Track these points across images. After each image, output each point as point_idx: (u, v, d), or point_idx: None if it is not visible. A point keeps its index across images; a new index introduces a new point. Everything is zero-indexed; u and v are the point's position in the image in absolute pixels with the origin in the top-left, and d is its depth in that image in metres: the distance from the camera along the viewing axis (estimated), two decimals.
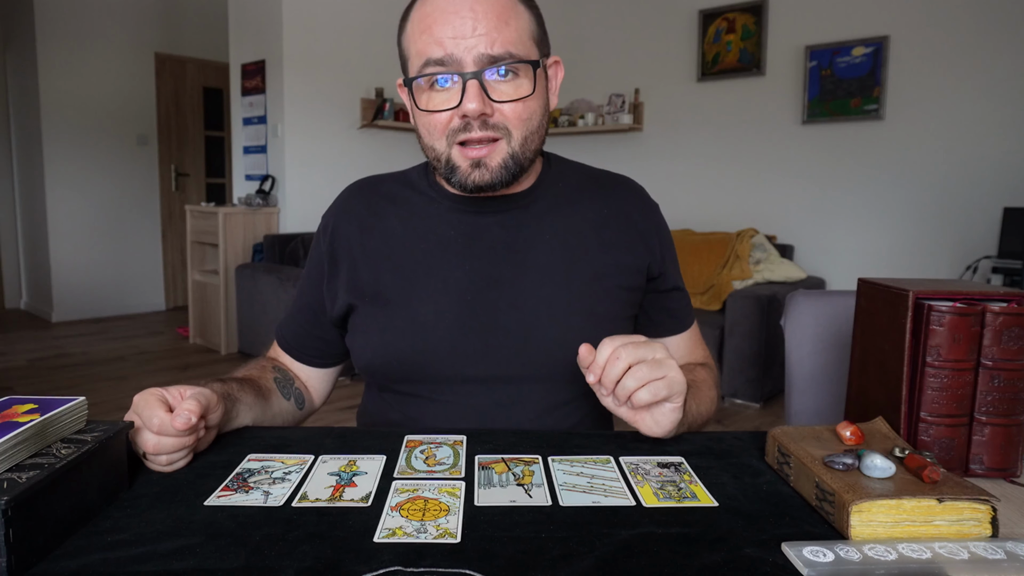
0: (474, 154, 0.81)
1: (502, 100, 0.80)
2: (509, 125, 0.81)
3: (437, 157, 0.84)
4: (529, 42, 0.82)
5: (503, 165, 0.82)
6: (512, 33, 0.79)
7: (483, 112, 0.79)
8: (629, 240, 0.93)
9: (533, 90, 0.81)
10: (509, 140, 0.82)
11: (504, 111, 0.80)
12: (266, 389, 0.91)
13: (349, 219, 0.95)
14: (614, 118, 4.76)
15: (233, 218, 4.32)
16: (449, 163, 0.83)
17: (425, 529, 0.56)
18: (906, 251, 3.74)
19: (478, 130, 0.80)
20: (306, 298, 0.99)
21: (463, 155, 0.82)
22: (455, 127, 0.81)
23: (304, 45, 4.38)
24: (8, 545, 0.49)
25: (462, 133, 0.80)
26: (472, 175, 0.82)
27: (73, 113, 5.30)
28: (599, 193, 0.96)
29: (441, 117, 0.81)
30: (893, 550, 0.52)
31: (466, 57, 0.78)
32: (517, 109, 0.81)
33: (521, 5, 0.82)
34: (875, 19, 3.72)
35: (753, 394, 3.44)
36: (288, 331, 1.01)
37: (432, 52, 0.79)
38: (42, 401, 0.61)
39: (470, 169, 0.82)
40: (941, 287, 0.71)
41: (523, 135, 0.82)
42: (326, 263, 0.95)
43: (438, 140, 0.83)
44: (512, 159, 0.82)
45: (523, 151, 0.83)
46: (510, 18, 0.79)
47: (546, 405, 0.89)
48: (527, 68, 0.81)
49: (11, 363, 4.14)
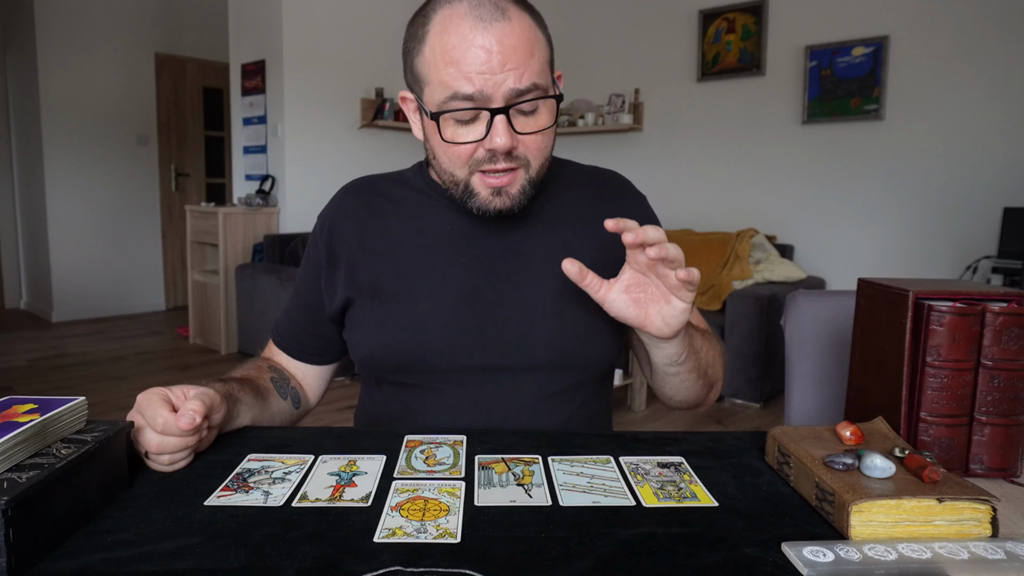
0: (495, 182, 0.83)
1: (525, 132, 0.81)
2: (530, 156, 0.83)
3: (455, 182, 0.86)
4: (548, 70, 0.83)
5: (522, 191, 0.85)
6: (536, 65, 0.80)
7: (510, 147, 0.80)
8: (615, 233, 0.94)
9: (553, 122, 0.84)
10: (528, 169, 0.84)
11: (527, 143, 0.82)
12: (263, 389, 0.92)
13: (347, 218, 0.96)
14: (614, 118, 4.76)
15: (233, 218, 4.32)
16: (468, 188, 0.85)
17: (425, 529, 0.56)
18: (906, 251, 3.74)
19: (503, 162, 0.82)
20: (303, 296, 0.99)
21: (484, 182, 0.83)
22: (479, 158, 0.82)
23: (304, 45, 4.38)
24: (8, 545, 0.49)
25: (486, 164, 0.82)
26: (493, 202, 0.84)
27: (73, 113, 5.30)
28: (589, 189, 0.98)
29: (465, 149, 0.82)
30: (893, 550, 0.52)
31: (495, 93, 0.78)
32: (537, 140, 0.83)
33: (539, 32, 0.83)
34: (875, 19, 3.72)
35: (753, 394, 3.44)
36: (285, 329, 1.02)
37: (460, 87, 0.78)
38: (42, 401, 0.61)
39: (491, 197, 0.84)
40: (941, 287, 0.71)
41: (540, 163, 0.85)
42: (324, 260, 0.96)
43: (459, 169, 0.84)
44: (530, 184, 0.85)
45: (538, 176, 0.86)
46: (534, 49, 0.80)
47: (543, 395, 0.90)
48: (548, 102, 0.83)
49: (11, 363, 4.14)
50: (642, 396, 3.36)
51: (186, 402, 0.68)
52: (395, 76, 4.78)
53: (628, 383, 3.33)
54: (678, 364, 0.85)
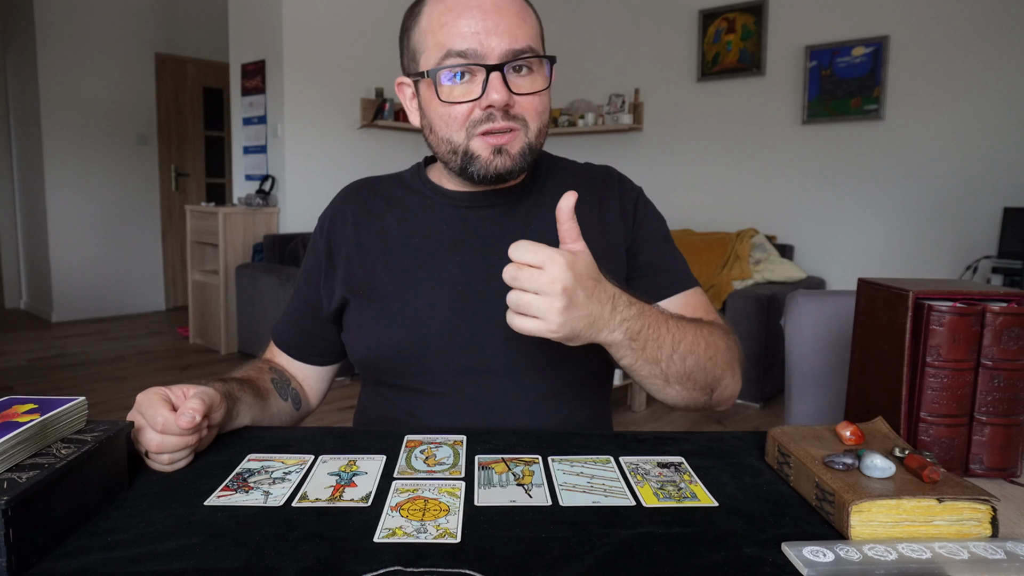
0: (495, 141, 0.83)
1: (520, 92, 0.82)
2: (527, 116, 0.84)
3: (454, 149, 0.85)
4: (540, 41, 0.86)
5: (521, 153, 0.85)
6: (529, 30, 0.83)
7: (506, 103, 0.81)
8: (612, 226, 0.95)
9: (548, 84, 0.85)
10: (527, 131, 0.85)
11: (523, 104, 0.83)
12: (264, 390, 0.92)
13: (345, 218, 0.97)
14: (614, 118, 4.76)
15: (233, 218, 4.32)
16: (468, 153, 0.84)
17: (425, 529, 0.56)
18: (906, 251, 3.74)
19: (501, 120, 0.82)
20: (303, 296, 1.00)
21: (485, 143, 0.83)
22: (476, 118, 0.82)
23: (304, 45, 4.38)
24: (8, 545, 0.49)
25: (484, 124, 0.82)
26: (494, 162, 0.84)
27: (73, 113, 5.30)
28: (583, 185, 0.96)
29: (461, 109, 0.82)
30: (893, 550, 0.52)
31: (490, 51, 0.80)
32: (534, 102, 0.84)
33: (530, 9, 0.87)
34: (875, 19, 3.72)
35: (753, 394, 3.44)
36: (285, 330, 1.02)
37: (455, 44, 0.80)
38: (42, 401, 0.61)
39: (492, 156, 0.84)
40: (941, 287, 0.71)
41: (538, 127, 0.86)
42: (323, 261, 0.97)
43: (456, 132, 0.84)
44: (529, 149, 0.85)
45: (536, 143, 0.86)
46: (526, 16, 0.84)
47: (541, 395, 0.89)
48: (541, 64, 0.84)
49: (11, 363, 4.13)
50: (642, 396, 3.36)
51: (186, 401, 0.68)
52: (395, 76, 4.76)
53: (628, 383, 3.33)
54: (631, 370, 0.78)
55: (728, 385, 0.85)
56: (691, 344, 0.79)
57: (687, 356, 0.78)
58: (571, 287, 0.66)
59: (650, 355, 0.75)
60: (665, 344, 0.76)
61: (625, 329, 0.72)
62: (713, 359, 0.81)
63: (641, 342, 0.74)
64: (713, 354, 0.81)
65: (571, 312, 0.66)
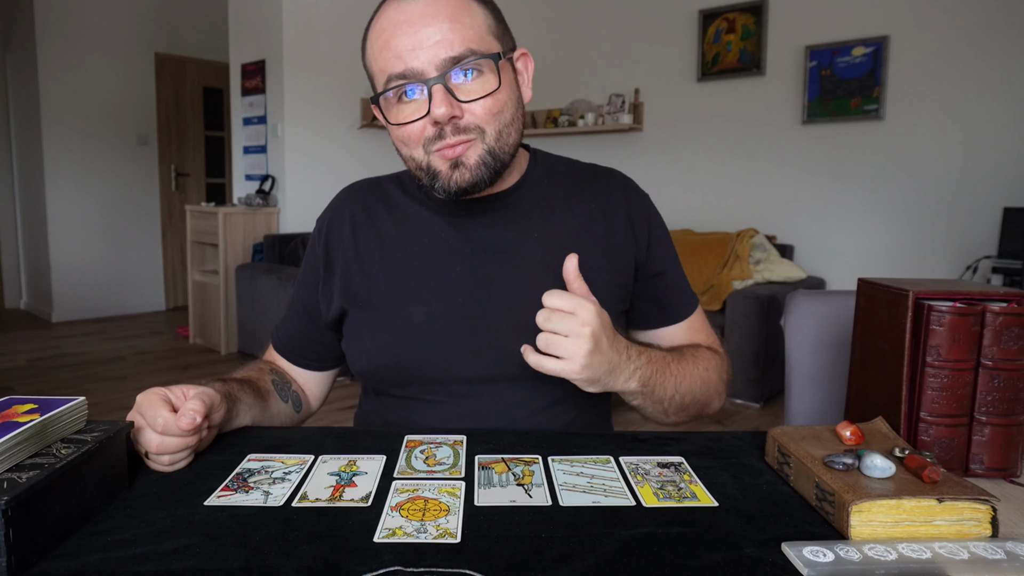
0: (450, 153, 0.80)
1: (470, 99, 0.79)
2: (480, 123, 0.80)
3: (419, 166, 0.84)
4: (488, 37, 0.81)
5: (481, 162, 0.81)
6: (468, 31, 0.78)
7: (453, 115, 0.78)
8: (617, 232, 0.93)
9: (499, 84, 0.80)
10: (483, 137, 0.81)
11: (474, 110, 0.79)
12: (264, 391, 0.91)
13: (343, 222, 0.96)
14: (614, 118, 4.76)
15: (233, 218, 4.32)
16: (431, 170, 0.82)
17: (425, 529, 0.56)
18: (906, 251, 3.74)
19: (451, 135, 0.79)
20: (301, 301, 0.99)
21: (441, 157, 0.81)
22: (429, 135, 0.80)
23: (304, 45, 4.38)
24: (8, 545, 0.49)
25: (437, 141, 0.80)
26: (453, 177, 0.81)
27: (73, 113, 5.30)
28: (586, 188, 0.95)
29: (414, 128, 0.80)
30: (893, 550, 0.52)
31: (427, 66, 0.77)
32: (487, 105, 0.80)
33: (473, 3, 0.81)
34: (875, 19, 3.72)
35: (753, 394, 3.44)
36: (284, 334, 1.01)
37: (393, 67, 0.79)
38: (42, 401, 0.61)
39: (450, 171, 0.81)
40: (941, 287, 0.71)
41: (496, 130, 0.81)
42: (321, 266, 0.96)
43: (416, 150, 0.82)
44: (490, 155, 0.81)
45: (499, 145, 0.82)
46: (463, 16, 0.79)
47: (540, 404, 0.89)
48: (490, 63, 0.80)
49: (11, 363, 4.14)
50: None
51: (186, 402, 0.68)
52: None
53: None
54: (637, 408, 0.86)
55: (714, 406, 0.95)
56: (689, 383, 0.87)
57: (686, 394, 0.87)
58: (598, 333, 0.72)
59: (657, 397, 0.83)
60: (669, 386, 0.84)
61: (639, 378, 0.79)
62: (707, 392, 0.90)
63: (651, 388, 0.81)
64: (707, 388, 0.90)
65: (595, 356, 0.72)
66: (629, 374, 0.77)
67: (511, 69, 0.84)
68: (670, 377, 0.84)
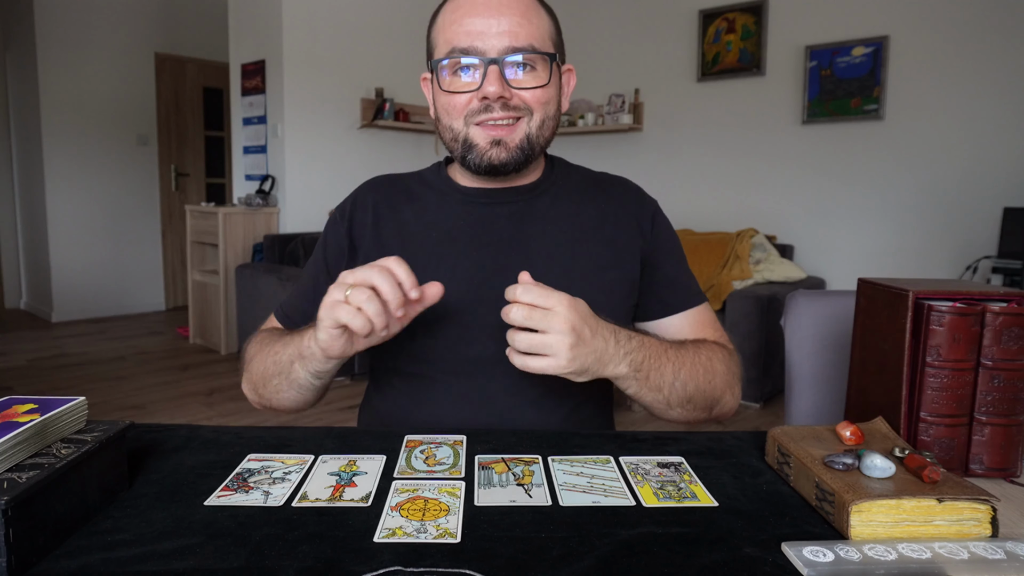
0: (494, 132, 0.86)
1: (520, 87, 0.85)
2: (529, 104, 0.86)
3: (455, 137, 0.88)
4: (547, 41, 0.88)
5: (520, 146, 0.87)
6: (534, 29, 0.85)
7: (502, 95, 0.83)
8: (627, 232, 0.96)
9: (549, 80, 0.87)
10: (529, 120, 0.87)
11: (523, 95, 0.86)
12: None
13: (365, 208, 0.99)
14: (614, 118, 4.76)
15: (233, 218, 4.32)
16: (467, 142, 0.87)
17: (425, 529, 0.56)
18: (906, 251, 3.74)
19: (499, 110, 0.85)
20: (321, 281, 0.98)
21: (484, 132, 0.86)
22: (475, 108, 0.85)
23: (304, 45, 4.38)
24: (8, 545, 0.49)
25: (482, 114, 0.85)
26: (490, 152, 0.87)
27: (73, 113, 5.30)
28: (599, 192, 1.00)
29: (461, 99, 0.86)
30: (893, 550, 0.52)
31: (490, 48, 0.83)
32: (535, 93, 0.86)
33: (543, 9, 0.89)
34: (875, 19, 3.72)
35: (753, 394, 3.44)
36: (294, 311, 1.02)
37: (459, 41, 0.84)
38: (42, 401, 0.61)
39: (489, 147, 0.86)
40: (941, 287, 0.71)
41: (541, 118, 0.88)
42: (346, 245, 0.98)
43: (456, 119, 0.87)
44: (528, 141, 0.87)
45: (539, 135, 0.88)
46: (532, 16, 0.86)
47: (547, 389, 0.90)
48: (544, 62, 0.86)
49: (11, 363, 4.13)
50: None
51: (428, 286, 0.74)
52: (395, 76, 4.78)
53: None
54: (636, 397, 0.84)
55: (727, 403, 0.91)
56: (690, 371, 0.85)
57: (688, 383, 0.84)
58: (579, 325, 0.72)
59: (653, 383, 0.82)
60: (667, 372, 0.82)
61: (629, 362, 0.78)
62: (712, 383, 0.87)
63: (644, 372, 0.80)
64: (712, 378, 0.87)
65: (580, 348, 0.72)
66: (619, 359, 0.77)
67: (559, 75, 0.91)
68: (667, 363, 0.83)
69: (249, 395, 0.97)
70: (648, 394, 0.83)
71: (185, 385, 3.70)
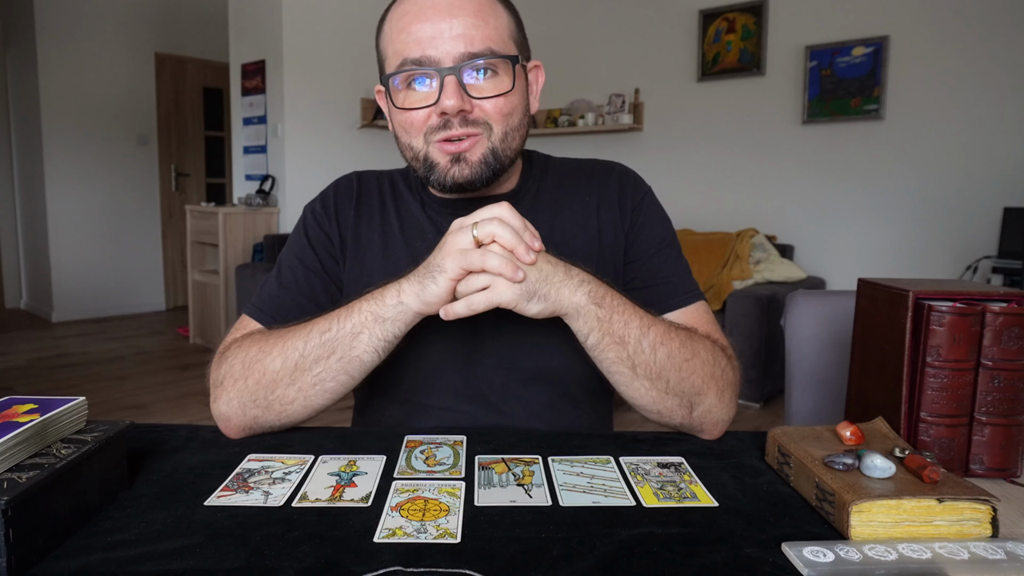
0: (453, 148, 0.79)
1: (481, 96, 0.78)
2: (489, 120, 0.79)
3: (415, 156, 0.82)
4: (508, 41, 0.80)
5: (483, 160, 0.80)
6: (491, 31, 0.78)
7: (461, 108, 0.77)
8: (608, 221, 0.91)
9: (512, 86, 0.79)
10: (490, 135, 0.80)
11: (484, 107, 0.79)
12: None
13: (348, 201, 0.93)
14: (614, 118, 4.76)
15: (233, 218, 4.32)
16: (428, 160, 0.81)
17: (425, 529, 0.56)
18: (906, 251, 3.74)
19: (458, 127, 0.78)
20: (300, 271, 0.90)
21: (442, 150, 0.79)
22: (433, 125, 0.79)
23: (304, 45, 4.38)
24: (8, 545, 0.49)
25: (441, 131, 0.78)
26: (451, 171, 0.80)
27: (73, 113, 5.30)
28: (581, 184, 0.93)
29: (418, 115, 0.79)
30: (893, 550, 0.52)
31: (444, 56, 0.76)
32: (498, 104, 0.79)
33: (500, 5, 0.81)
34: (875, 19, 3.72)
35: (753, 394, 3.44)
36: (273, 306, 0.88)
37: (410, 52, 0.77)
38: (42, 401, 0.61)
39: (449, 165, 0.80)
40: (941, 287, 0.71)
41: (504, 130, 0.80)
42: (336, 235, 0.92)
43: (415, 138, 0.81)
44: (492, 155, 0.80)
45: (504, 147, 0.81)
46: (488, 16, 0.78)
47: (540, 402, 0.88)
48: (506, 65, 0.79)
49: (11, 363, 4.13)
50: None
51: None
52: None
53: None
54: (588, 346, 0.76)
55: (712, 407, 0.78)
56: (662, 335, 0.75)
57: (658, 347, 0.75)
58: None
59: (617, 331, 0.73)
60: (632, 324, 0.74)
61: (588, 291, 0.72)
62: (690, 363, 0.76)
63: (607, 311, 0.73)
64: (689, 357, 0.76)
65: (519, 270, 0.69)
66: (574, 286, 0.72)
67: (524, 77, 0.84)
68: (634, 315, 0.74)
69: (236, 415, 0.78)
70: (611, 347, 0.74)
71: (185, 385, 3.70)
